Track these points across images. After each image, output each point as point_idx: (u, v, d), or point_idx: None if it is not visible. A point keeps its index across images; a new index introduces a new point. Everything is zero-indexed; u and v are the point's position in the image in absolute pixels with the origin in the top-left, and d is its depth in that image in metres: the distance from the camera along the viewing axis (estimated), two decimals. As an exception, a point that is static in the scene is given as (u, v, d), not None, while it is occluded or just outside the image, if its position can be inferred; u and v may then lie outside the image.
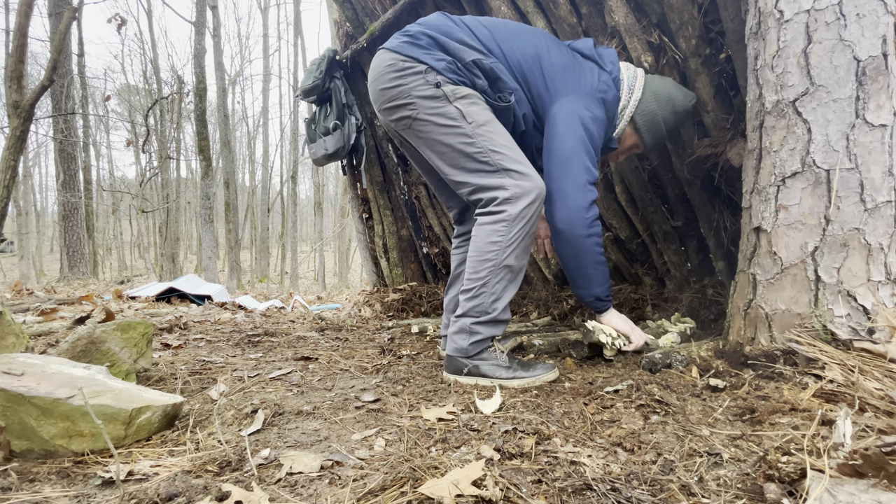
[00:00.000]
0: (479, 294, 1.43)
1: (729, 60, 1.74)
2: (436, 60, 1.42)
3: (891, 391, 1.00)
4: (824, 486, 0.67)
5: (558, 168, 1.45)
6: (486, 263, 1.41)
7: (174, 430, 1.08)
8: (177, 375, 1.53)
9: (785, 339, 1.27)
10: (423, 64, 1.42)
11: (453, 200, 1.75)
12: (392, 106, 1.48)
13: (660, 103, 1.57)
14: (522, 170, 1.41)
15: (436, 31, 1.47)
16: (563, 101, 1.47)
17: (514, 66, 1.48)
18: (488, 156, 1.41)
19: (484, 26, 1.51)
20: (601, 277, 1.51)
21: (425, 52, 1.44)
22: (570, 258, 1.49)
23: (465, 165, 1.44)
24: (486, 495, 0.71)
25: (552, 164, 1.47)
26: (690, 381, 1.30)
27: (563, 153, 1.44)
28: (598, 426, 1.03)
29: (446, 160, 1.47)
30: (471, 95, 1.44)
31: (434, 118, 1.43)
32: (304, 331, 2.51)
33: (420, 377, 1.49)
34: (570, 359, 1.63)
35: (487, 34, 1.49)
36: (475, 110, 1.42)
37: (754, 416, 1.02)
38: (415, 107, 1.44)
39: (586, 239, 1.45)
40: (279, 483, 0.80)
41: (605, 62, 1.54)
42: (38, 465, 0.91)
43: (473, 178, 1.44)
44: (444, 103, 1.42)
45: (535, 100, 1.51)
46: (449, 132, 1.43)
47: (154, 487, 0.75)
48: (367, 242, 3.74)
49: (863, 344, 1.15)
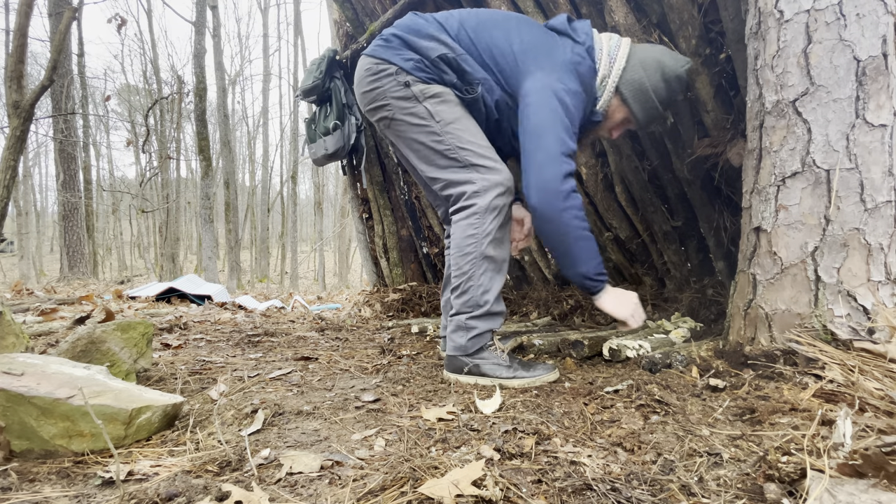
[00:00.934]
0: (467, 289, 1.44)
1: (729, 60, 1.74)
2: (404, 60, 1.46)
3: (891, 391, 1.00)
4: (824, 486, 0.67)
5: (532, 142, 1.43)
6: (467, 257, 1.43)
7: (174, 430, 1.08)
8: (177, 375, 1.53)
9: (785, 339, 1.27)
10: (393, 65, 1.46)
11: (438, 199, 1.76)
12: (372, 108, 1.53)
13: (647, 71, 1.48)
14: (489, 164, 1.44)
15: (405, 30, 1.49)
16: (534, 76, 1.44)
17: (485, 53, 1.48)
18: (456, 152, 1.44)
19: (455, 18, 1.52)
20: (586, 254, 1.44)
21: (395, 52, 1.47)
22: (552, 236, 1.44)
23: (437, 162, 1.48)
24: (486, 495, 0.71)
25: (526, 139, 1.44)
26: (690, 381, 1.30)
27: (537, 127, 1.42)
28: (598, 426, 1.03)
29: (420, 157, 1.51)
30: (441, 94, 1.46)
31: (407, 118, 1.47)
32: (304, 331, 2.51)
33: (420, 377, 1.49)
34: (570, 359, 1.63)
35: (457, 26, 1.50)
36: (443, 108, 1.46)
37: (754, 416, 1.02)
38: (390, 108, 1.48)
39: (563, 212, 1.40)
40: (279, 483, 0.80)
41: (577, 34, 1.50)
42: (38, 465, 0.91)
43: (444, 174, 1.48)
44: (414, 103, 1.46)
45: (509, 82, 1.49)
46: (421, 131, 1.47)
47: (154, 487, 0.75)
48: (367, 242, 3.74)
49: (863, 344, 1.15)
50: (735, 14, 1.62)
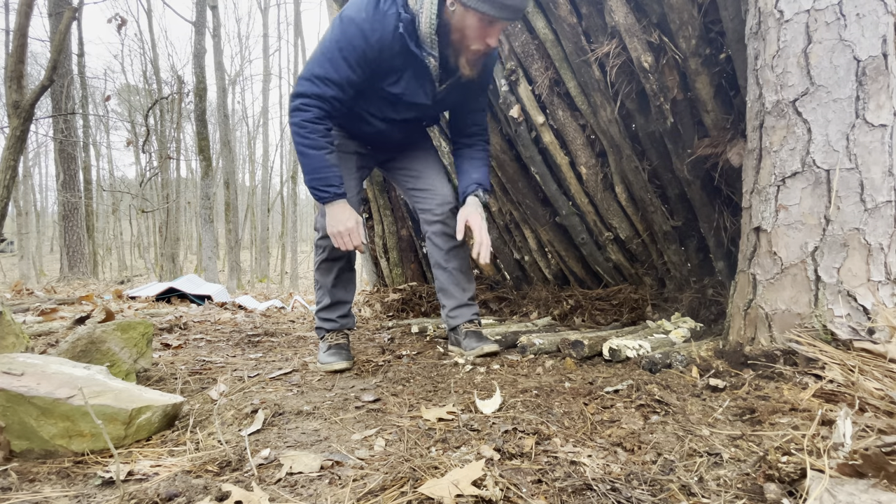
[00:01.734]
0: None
1: (729, 60, 1.74)
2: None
3: (891, 391, 1.00)
4: (824, 485, 0.67)
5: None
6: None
7: (174, 430, 1.07)
8: (177, 375, 1.53)
9: (785, 340, 1.27)
10: None
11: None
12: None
13: None
14: None
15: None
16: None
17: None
18: None
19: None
20: (306, 167, 1.54)
21: None
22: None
23: None
24: (486, 495, 0.71)
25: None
26: (690, 381, 1.30)
27: (312, 55, 1.54)
28: (598, 426, 1.03)
29: None
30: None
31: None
32: (304, 331, 2.51)
33: (420, 377, 1.49)
34: (570, 359, 1.63)
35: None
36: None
37: (754, 416, 1.02)
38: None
39: (291, 126, 1.52)
40: (279, 483, 0.80)
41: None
42: (38, 465, 0.91)
43: None
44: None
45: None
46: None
47: (154, 487, 0.75)
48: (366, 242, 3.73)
49: (863, 344, 1.15)
50: (735, 14, 1.62)
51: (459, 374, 1.49)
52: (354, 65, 1.47)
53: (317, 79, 1.48)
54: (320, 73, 1.48)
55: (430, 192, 1.80)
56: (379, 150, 1.83)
